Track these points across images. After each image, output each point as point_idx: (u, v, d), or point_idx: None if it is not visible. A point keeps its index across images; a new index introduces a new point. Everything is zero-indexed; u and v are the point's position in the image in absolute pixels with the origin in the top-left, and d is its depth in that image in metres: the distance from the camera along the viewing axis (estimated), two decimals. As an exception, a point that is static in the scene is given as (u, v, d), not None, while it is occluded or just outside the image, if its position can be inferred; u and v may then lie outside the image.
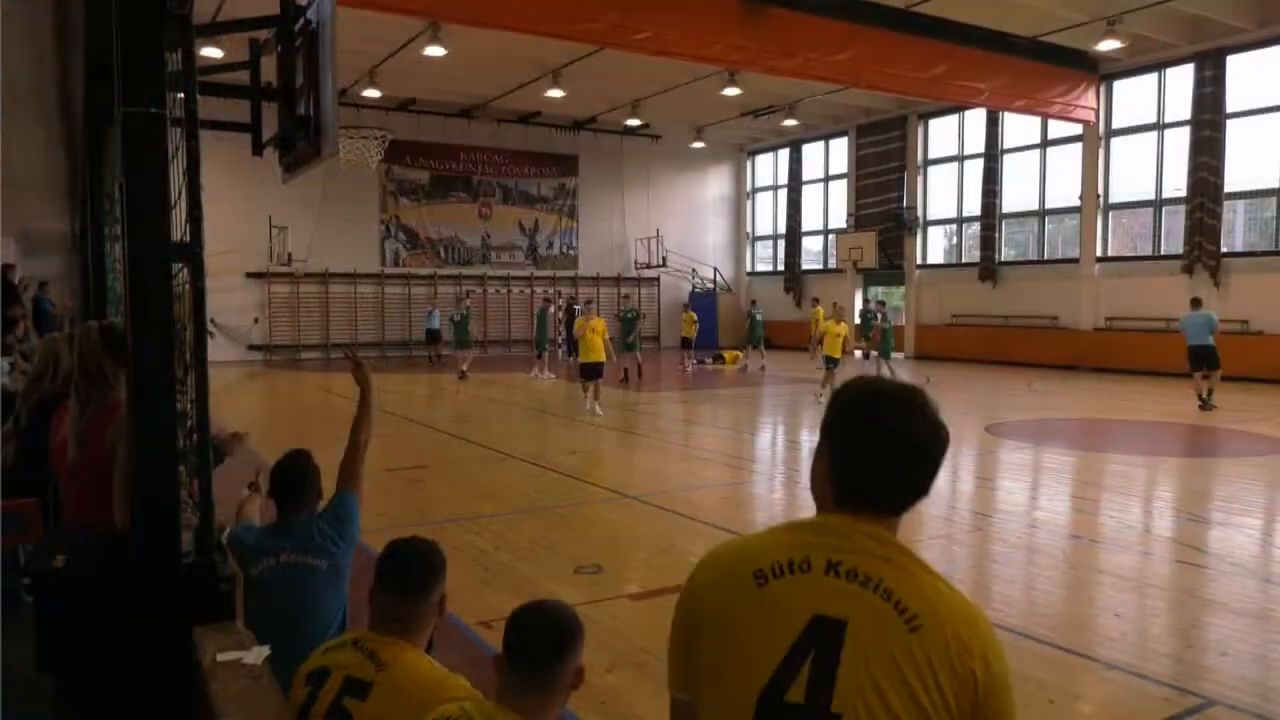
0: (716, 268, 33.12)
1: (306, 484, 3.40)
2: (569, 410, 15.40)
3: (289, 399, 17.80)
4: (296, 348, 26.93)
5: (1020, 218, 25.49)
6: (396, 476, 9.49)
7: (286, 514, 3.33)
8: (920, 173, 27.51)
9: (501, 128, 29.40)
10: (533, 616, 2.08)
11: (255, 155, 4.34)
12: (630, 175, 31.98)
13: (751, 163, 34.50)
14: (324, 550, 3.18)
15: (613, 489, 8.84)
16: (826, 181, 31.25)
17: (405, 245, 28.67)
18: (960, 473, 10.27)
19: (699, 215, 33.81)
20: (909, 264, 27.72)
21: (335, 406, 16.50)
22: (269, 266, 25.91)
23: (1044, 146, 24.31)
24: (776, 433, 13.46)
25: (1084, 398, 16.98)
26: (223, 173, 22.66)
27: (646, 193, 32.37)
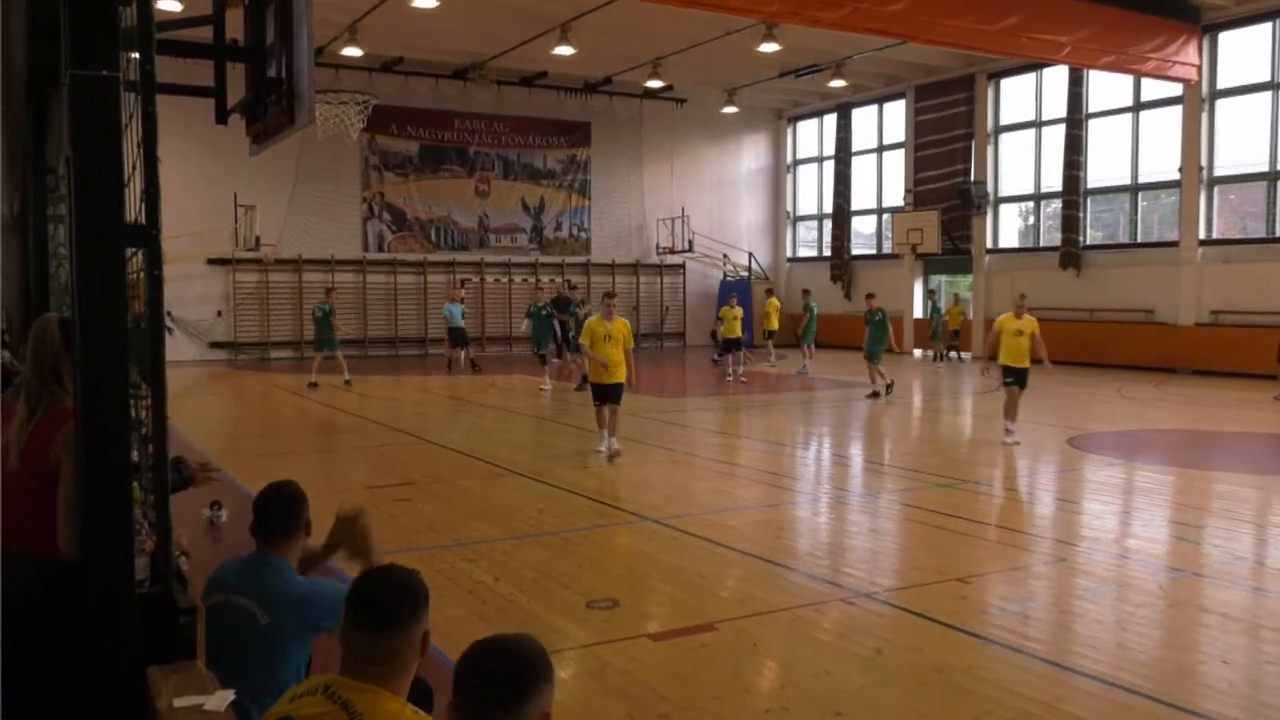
0: (751, 253, 33.09)
1: (286, 519, 3.41)
2: (580, 418, 15.42)
3: (256, 405, 17.94)
4: (265, 345, 27.14)
5: (1109, 194, 25.27)
6: (379, 495, 9.53)
7: (261, 549, 3.37)
8: (990, 141, 27.35)
9: (502, 91, 29.50)
10: (491, 651, 2.11)
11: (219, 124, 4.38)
12: (651, 146, 32.01)
13: (792, 130, 34.43)
14: (280, 615, 3.19)
15: (631, 511, 8.84)
16: (880, 152, 31.14)
17: (390, 227, 28.83)
18: (1038, 494, 10.18)
19: (731, 192, 33.79)
20: (977, 248, 27.57)
21: (309, 413, 16.61)
22: (234, 252, 26.13)
23: (1136, 110, 24.11)
24: (822, 445, 13.42)
25: (1184, 405, 16.81)
26: (182, 144, 22.83)
27: (670, 166, 32.38)
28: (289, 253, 27.13)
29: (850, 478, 10.92)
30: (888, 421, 15.69)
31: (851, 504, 9.36)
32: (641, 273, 32.13)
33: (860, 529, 8.40)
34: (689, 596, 6.40)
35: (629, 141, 31.76)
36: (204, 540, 7.60)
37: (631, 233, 32.15)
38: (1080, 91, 24.70)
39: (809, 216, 34.47)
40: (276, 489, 3.49)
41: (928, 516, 8.60)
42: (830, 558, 7.39)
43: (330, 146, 25.23)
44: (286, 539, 3.39)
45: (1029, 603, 6.30)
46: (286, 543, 3.39)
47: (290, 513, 3.43)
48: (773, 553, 7.39)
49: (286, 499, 3.46)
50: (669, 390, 19.45)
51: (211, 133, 5.98)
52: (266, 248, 26.20)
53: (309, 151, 26.29)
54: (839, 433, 14.39)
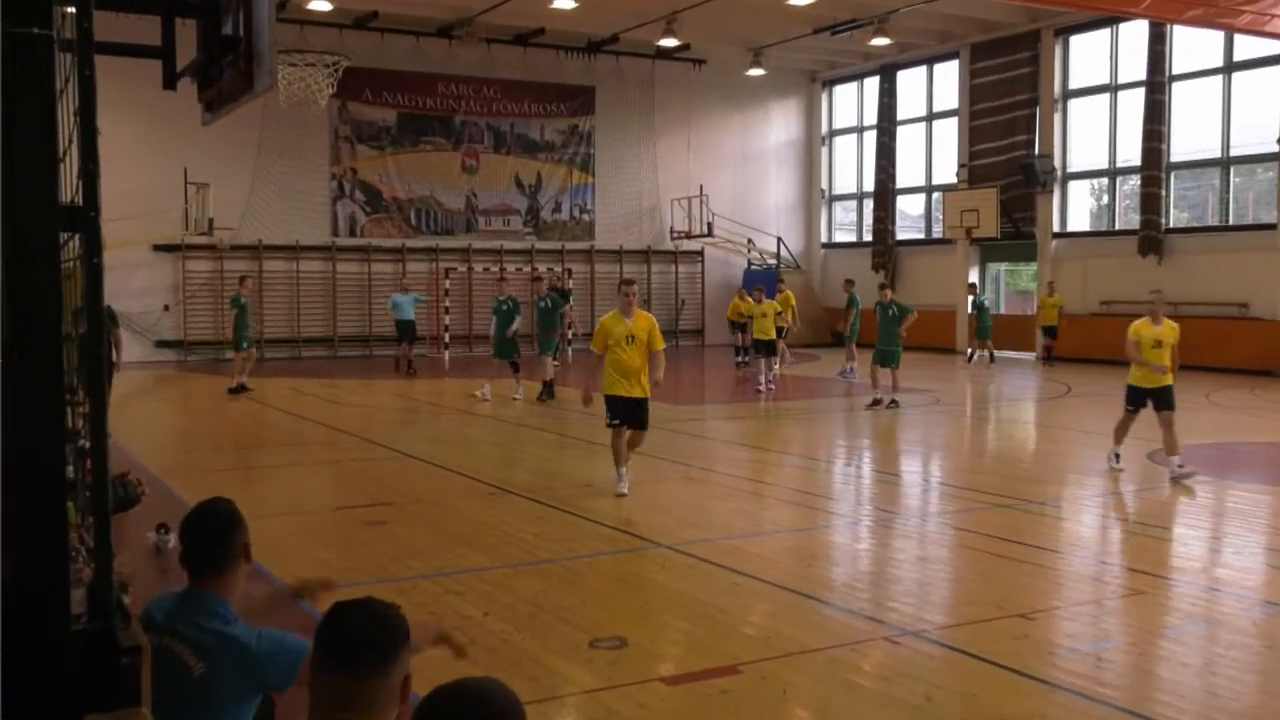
0: (780, 238, 33.10)
1: (218, 546, 3.32)
2: (583, 429, 15.43)
3: (210, 414, 18.02)
4: (219, 344, 27.24)
5: (1195, 169, 25.19)
6: (350, 518, 9.55)
7: (194, 583, 3.31)
8: (1058, 108, 27.30)
9: (492, 51, 29.58)
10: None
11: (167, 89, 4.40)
12: (665, 114, 32.04)
13: (828, 96, 34.42)
14: (217, 666, 3.13)
15: (641, 535, 8.84)
16: (930, 121, 31.10)
17: (364, 208, 28.93)
18: (1113, 517, 10.15)
19: (757, 168, 33.80)
20: (1041, 232, 27.51)
21: (270, 423, 16.66)
22: (184, 236, 26.24)
23: (1228, 71, 24.02)
24: (861, 460, 13.39)
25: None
26: (125, 113, 22.92)
27: (686, 138, 32.40)
28: (247, 238, 27.24)
29: (894, 498, 10.90)
30: (937, 433, 15.65)
31: (896, 528, 9.34)
32: (654, 261, 32.17)
33: (906, 557, 8.38)
34: (708, 634, 6.39)
35: (639, 109, 31.80)
36: (149, 569, 7.63)
37: (642, 215, 32.18)
38: (1162, 50, 24.62)
39: (847, 196, 34.44)
40: (205, 510, 3.39)
41: (985, 542, 8.57)
42: (871, 590, 7.38)
43: (295, 115, 25.30)
44: (220, 570, 3.30)
45: (1103, 643, 6.28)
46: (221, 575, 3.30)
47: (224, 538, 3.33)
48: (805, 584, 7.38)
49: (218, 521, 3.35)
50: (685, 396, 19.44)
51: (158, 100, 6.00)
52: (221, 232, 26.30)
53: (271, 121, 26.37)
54: (882, 445, 14.36)
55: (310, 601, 3.90)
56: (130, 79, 12.79)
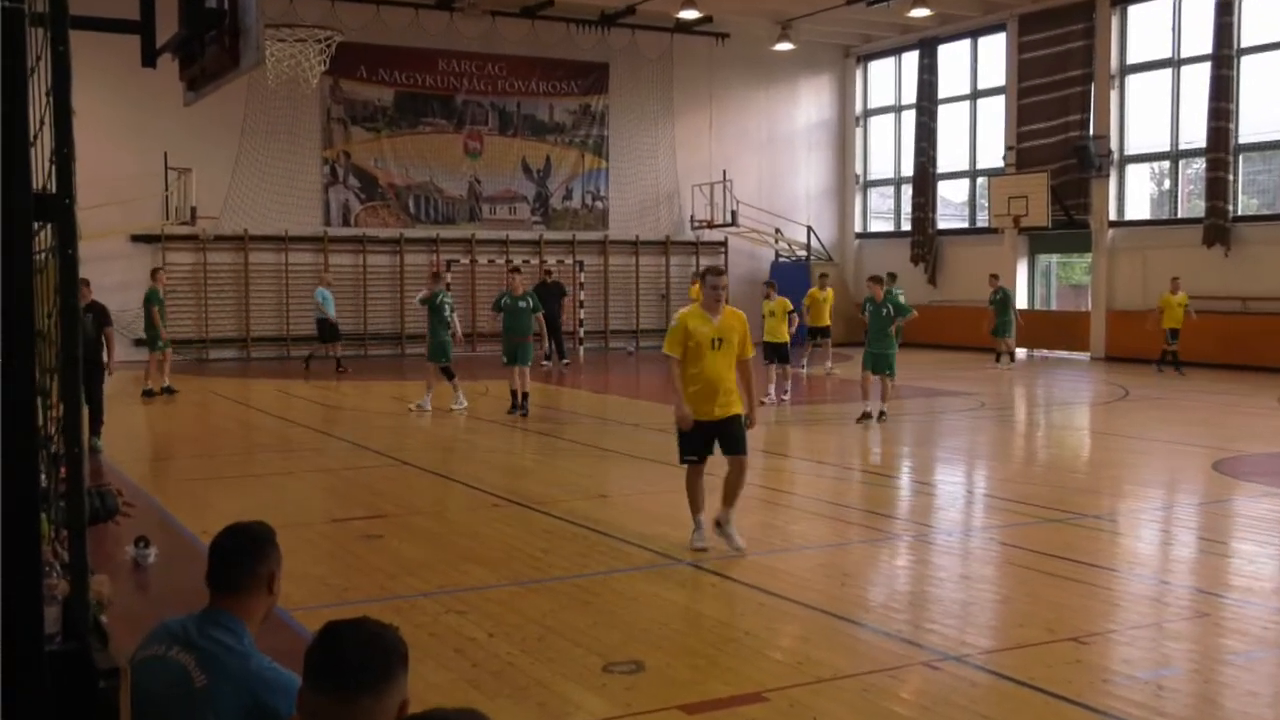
0: (811, 227, 33.07)
1: (242, 568, 3.44)
2: (597, 436, 15.44)
3: (192, 418, 18.10)
4: (203, 343, 27.38)
5: (1266, 151, 25.03)
6: (345, 531, 9.59)
7: (214, 603, 3.42)
8: (1115, 85, 27.18)
9: (497, 24, 29.64)
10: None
11: (147, 66, 4.41)
12: (685, 93, 32.04)
13: (863, 73, 34.36)
14: (219, 681, 3.22)
15: (659, 550, 8.84)
16: (974, 99, 31.01)
17: (359, 195, 29.02)
18: (1175, 531, 10.10)
19: (785, 151, 33.77)
20: (1097, 220, 27.40)
21: (257, 428, 16.72)
22: (164, 226, 26.38)
23: (1302, 45, 23.86)
24: (899, 469, 13.36)
25: (1362, 420, 16.62)
26: (101, 92, 23.04)
27: (708, 118, 32.40)
28: (232, 227, 27.35)
29: (935, 511, 10.87)
30: (981, 440, 15.59)
31: (936, 543, 9.32)
32: (673, 252, 32.16)
33: (947, 575, 8.36)
34: (732, 659, 6.39)
35: (657, 88, 31.81)
36: (128, 586, 7.67)
37: (660, 202, 32.19)
38: (1230, 21, 24.48)
39: (883, 181, 34.36)
40: (236, 528, 3.51)
41: (1034, 559, 8.54)
42: (910, 611, 7.36)
43: (284, 95, 25.40)
44: (238, 593, 3.41)
45: (1163, 669, 6.25)
46: (239, 598, 3.40)
47: (248, 561, 3.44)
48: (837, 604, 7.37)
49: (245, 542, 3.47)
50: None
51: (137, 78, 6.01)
52: (204, 221, 26.43)
53: (257, 101, 26.47)
54: (921, 453, 14.32)
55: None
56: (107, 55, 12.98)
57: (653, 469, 12.46)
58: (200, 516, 9.88)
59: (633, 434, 15.60)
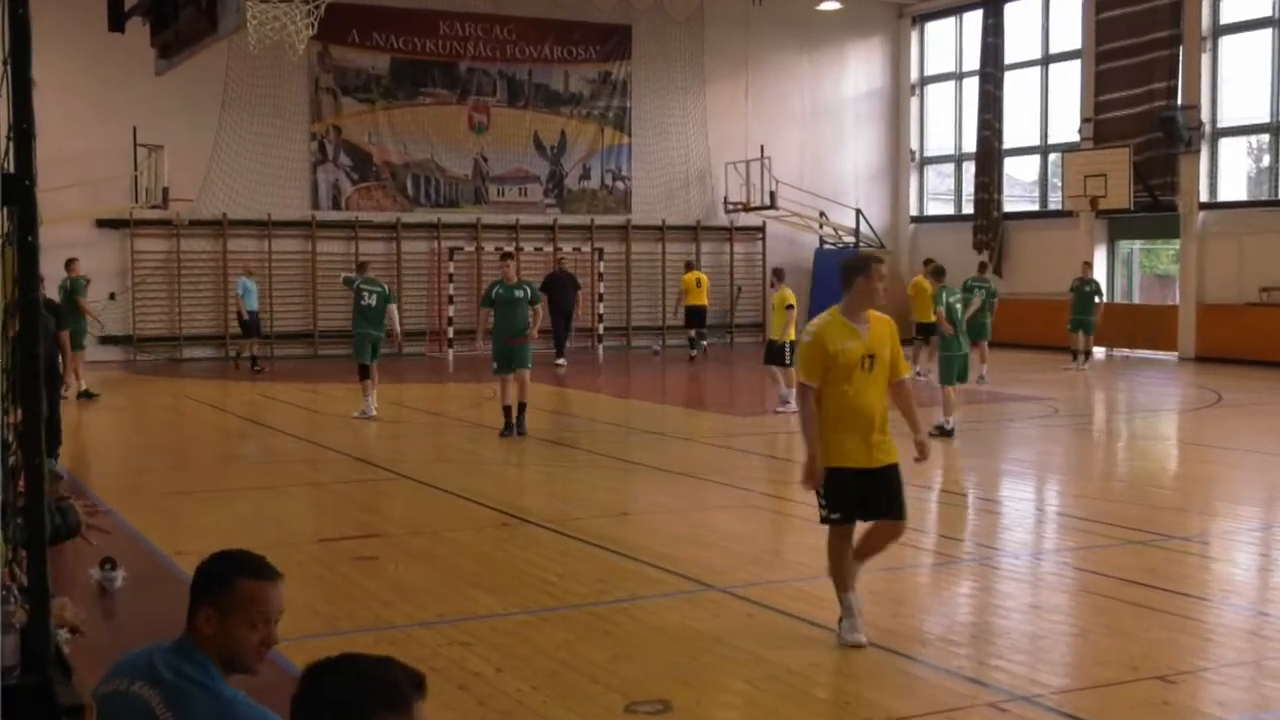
0: (860, 210, 32.99)
1: None
2: (617, 446, 15.41)
3: (165, 425, 18.17)
4: (176, 340, 27.51)
5: (1378, 124, 24.77)
6: (335, 552, 9.61)
7: (186, 634, 3.42)
8: (1206, 48, 27.01)
9: (507, -18, 29.73)
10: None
11: (114, 31, 4.44)
12: (717, 59, 32.01)
13: (919, 36, 34.25)
14: (186, 716, 3.22)
15: (689, 575, 8.82)
16: (1045, 65, 30.85)
17: (350, 175, 29.13)
18: (1275, 555, 10.02)
19: (831, 124, 33.68)
20: (1185, 202, 27.22)
21: (239, 436, 16.76)
22: (133, 210, 26.53)
23: None
24: (962, 484, 13.31)
25: None
26: (64, 61, 23.15)
27: (744, 87, 32.35)
28: (210, 211, 27.47)
29: (1001, 530, 10.81)
30: (1055, 451, 15.50)
31: (1003, 568, 9.27)
32: (704, 238, 32.13)
33: (1015, 604, 8.32)
34: (770, 698, 6.36)
35: (685, 53, 31.79)
36: (92, 612, 7.70)
37: (689, 182, 32.16)
38: (1337, -24, 24.28)
39: (942, 158, 34.23)
40: (217, 556, 3.49)
41: (1114, 587, 8.49)
42: (973, 645, 7.32)
43: (267, 63, 25.49)
44: None
45: (1263, 713, 6.20)
46: None
47: None
48: (890, 636, 7.34)
49: (220, 572, 3.44)
50: (742, 405, 19.41)
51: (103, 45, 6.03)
52: (178, 205, 26.54)
53: (238, 70, 26.57)
54: (984, 466, 14.26)
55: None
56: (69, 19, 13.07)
57: (681, 483, 12.43)
58: (173, 535, 9.92)
59: (658, 444, 15.58)
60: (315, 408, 19.64)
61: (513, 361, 15.42)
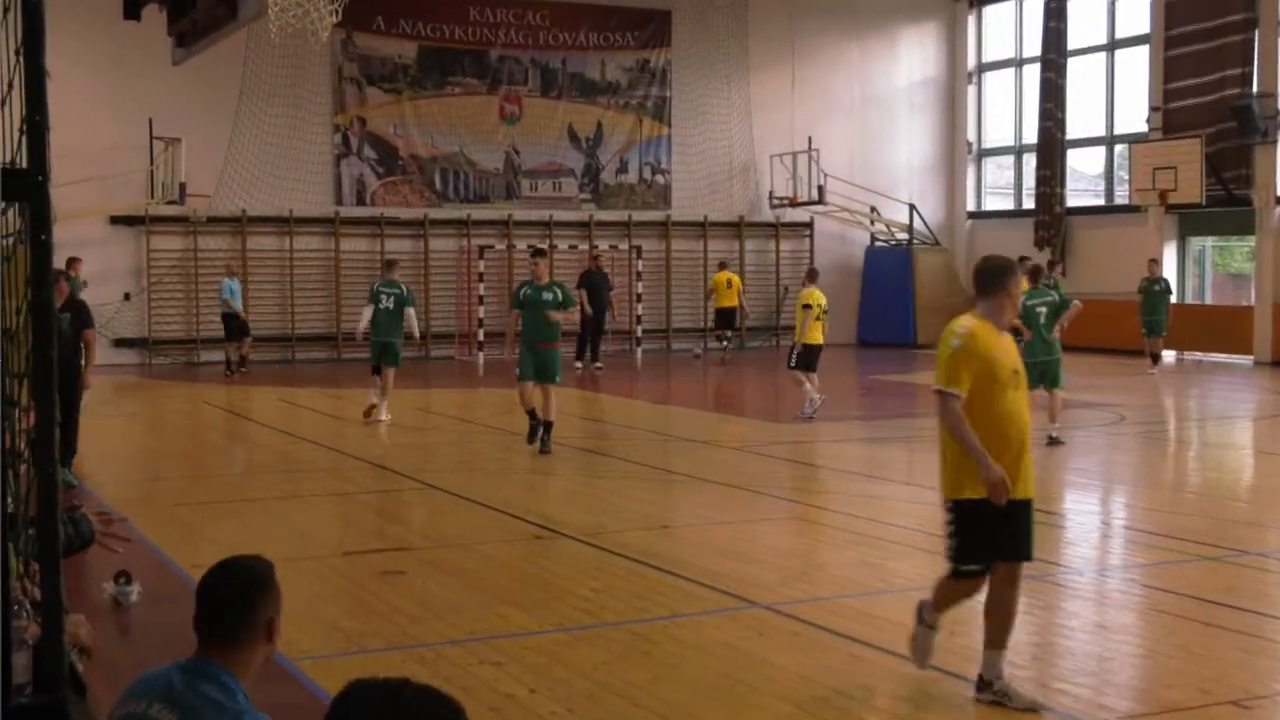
0: (914, 205, 32.87)
1: (238, 614, 3.44)
2: (655, 453, 15.40)
3: (182, 432, 18.28)
4: (193, 343, 27.68)
5: None
6: (360, 566, 9.64)
7: (201, 653, 3.43)
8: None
9: (539, -34, 29.79)
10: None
11: (130, 20, 4.48)
12: (762, 45, 31.97)
13: (976, 20, 34.09)
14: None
15: (732, 592, 8.81)
16: (1112, 51, 30.65)
17: (376, 169, 29.23)
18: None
19: (883, 114, 33.57)
20: (1262, 196, 26.98)
21: (258, 444, 16.86)
22: (149, 206, 26.73)
23: None
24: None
25: None
26: (78, 52, 23.33)
27: (790, 76, 32.24)
28: (228, 207, 27.63)
29: (1064, 545, 10.74)
30: (1122, 461, 15.40)
31: (1066, 585, 9.21)
32: (747, 235, 32.09)
33: (1080, 623, 8.26)
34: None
35: (728, 39, 31.76)
36: (107, 628, 7.76)
37: (732, 176, 32.13)
38: None
39: (1001, 150, 34.05)
40: (228, 566, 3.52)
41: (1185, 605, 8.42)
42: (1035, 666, 7.28)
43: (288, 52, 25.64)
44: (233, 643, 3.42)
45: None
46: (233, 649, 3.42)
47: (244, 605, 3.45)
48: (946, 657, 7.30)
49: (241, 582, 3.48)
50: (786, 411, 19.33)
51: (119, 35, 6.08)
52: (195, 200, 26.70)
53: (257, 60, 26.72)
54: (1047, 477, 14.17)
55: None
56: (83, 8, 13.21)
57: (723, 494, 12.42)
58: (190, 548, 9.98)
59: (699, 452, 15.57)
60: (339, 414, 19.72)
61: (540, 371, 14.80)
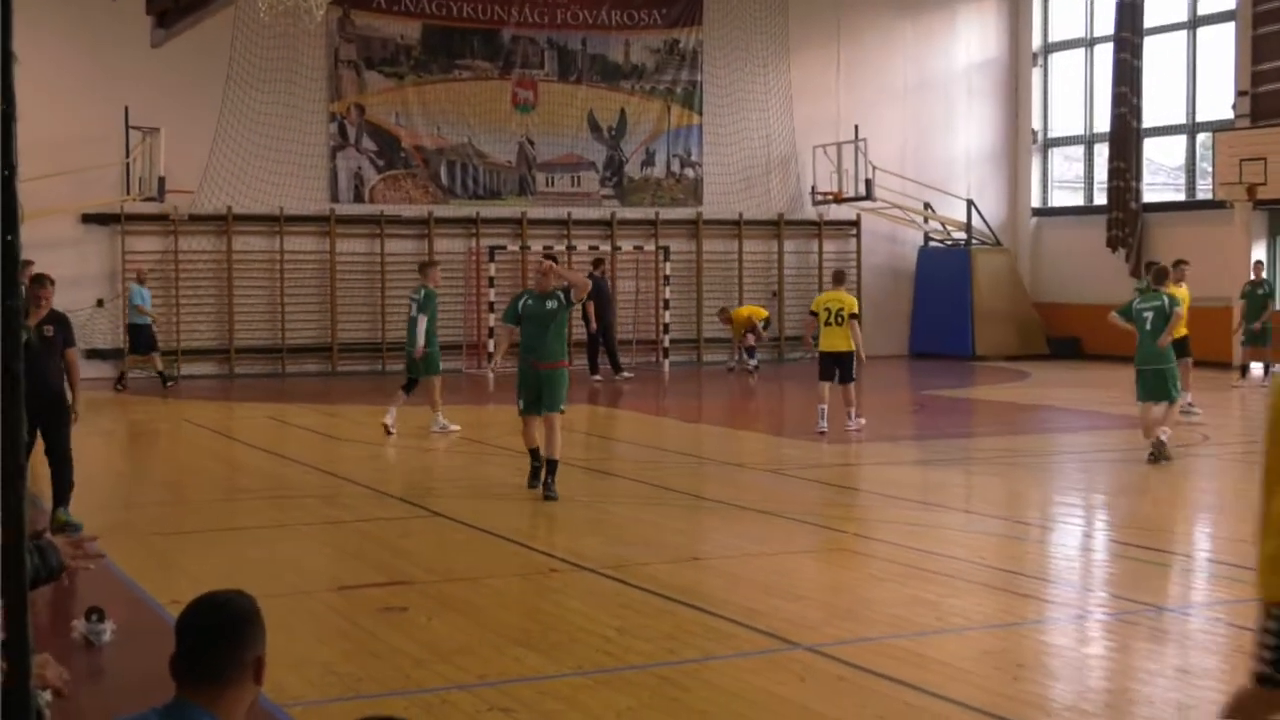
0: (972, 201, 32.81)
1: (221, 653, 3.46)
2: (685, 477, 15.38)
3: (161, 453, 18.33)
4: (173, 356, 27.74)
5: None
6: (358, 602, 9.65)
7: (182, 696, 3.44)
8: (1386, 7, 26.64)
9: (556, -64, 29.88)
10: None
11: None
12: (804, 24, 32.00)
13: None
14: None
15: (771, 632, 8.79)
16: (1193, 29, 30.57)
17: (375, 161, 29.32)
18: None
19: (938, 101, 33.57)
20: (1362, 190, 26.87)
21: (244, 467, 16.91)
22: (125, 203, 26.86)
23: None
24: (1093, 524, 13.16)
25: None
26: (49, 33, 23.49)
27: (835, 58, 32.28)
28: (212, 205, 27.77)
29: (1140, 580, 10.69)
30: (1206, 487, 15.32)
31: (1143, 624, 9.17)
32: (787, 235, 32.09)
33: (1160, 667, 8.23)
34: (867, 777, 6.34)
35: (767, 17, 31.82)
36: (77, 669, 7.78)
37: (770, 169, 32.14)
38: None
39: (1070, 139, 34.00)
40: (214, 602, 3.53)
41: (1278, 648, 8.37)
42: (1108, 715, 7.25)
43: (280, 33, 25.69)
44: (217, 684, 3.43)
45: None
46: (217, 691, 3.42)
47: (228, 644, 3.46)
48: (1010, 704, 7.28)
49: (225, 620, 3.50)
50: (830, 429, 19.32)
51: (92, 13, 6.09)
52: (176, 197, 26.82)
53: (245, 42, 26.87)
54: (1120, 503, 14.11)
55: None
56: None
57: (760, 522, 12.40)
58: (168, 582, 10.01)
59: (734, 475, 15.57)
60: (334, 433, 19.77)
61: (541, 398, 13.77)
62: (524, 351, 14.11)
